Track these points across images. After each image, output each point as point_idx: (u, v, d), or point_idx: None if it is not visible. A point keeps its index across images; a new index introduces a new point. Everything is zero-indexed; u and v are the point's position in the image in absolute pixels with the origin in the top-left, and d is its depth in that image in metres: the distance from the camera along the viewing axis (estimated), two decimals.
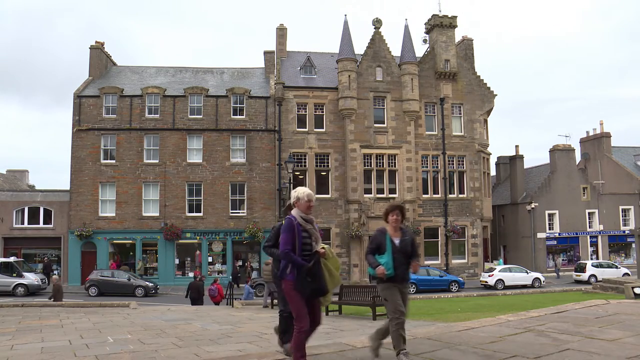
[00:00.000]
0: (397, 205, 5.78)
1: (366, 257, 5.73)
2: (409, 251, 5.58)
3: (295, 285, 4.92)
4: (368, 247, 5.73)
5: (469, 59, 36.80)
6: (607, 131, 43.97)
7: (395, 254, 5.46)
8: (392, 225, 5.66)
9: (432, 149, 34.22)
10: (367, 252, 5.68)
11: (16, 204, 31.92)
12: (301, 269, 4.88)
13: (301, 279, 4.90)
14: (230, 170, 32.42)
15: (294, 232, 5.00)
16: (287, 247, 4.95)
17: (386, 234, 5.61)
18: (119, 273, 28.06)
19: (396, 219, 5.64)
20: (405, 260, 5.53)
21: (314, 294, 4.99)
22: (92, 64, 35.43)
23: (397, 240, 5.57)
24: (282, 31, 37.58)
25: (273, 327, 6.56)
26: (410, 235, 5.78)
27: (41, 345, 8.06)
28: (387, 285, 5.47)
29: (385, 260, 5.43)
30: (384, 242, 5.54)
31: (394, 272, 5.39)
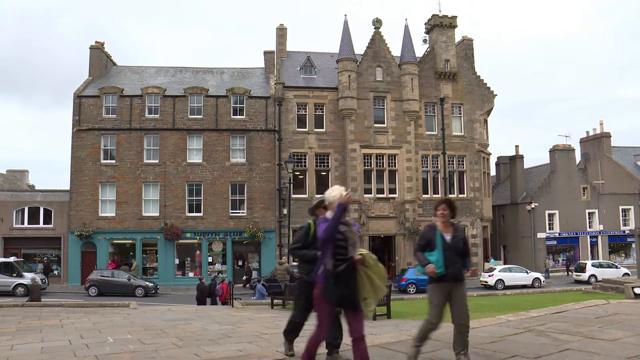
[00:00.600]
0: (445, 199, 5.47)
1: (415, 254, 5.41)
2: (460, 248, 5.26)
3: (322, 291, 4.60)
4: (417, 243, 5.44)
5: (469, 59, 36.80)
6: (607, 131, 43.97)
7: (446, 251, 5.12)
8: (442, 220, 5.32)
9: (432, 149, 34.22)
10: (416, 249, 5.40)
11: (16, 204, 31.92)
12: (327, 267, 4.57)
13: (329, 284, 4.56)
14: (230, 170, 32.42)
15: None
16: (325, 234, 4.64)
17: (436, 229, 5.27)
18: (119, 273, 28.06)
19: (443, 213, 5.30)
20: (458, 258, 5.20)
21: (342, 302, 4.62)
22: (92, 64, 35.43)
23: (449, 237, 5.24)
24: (282, 31, 37.58)
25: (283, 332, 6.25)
26: (462, 232, 5.43)
27: (41, 345, 8.06)
28: (436, 286, 5.16)
29: (436, 257, 5.11)
30: (434, 238, 5.22)
31: (445, 271, 5.07)
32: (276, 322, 11.40)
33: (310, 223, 5.75)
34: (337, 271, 4.57)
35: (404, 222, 32.64)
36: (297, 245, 5.81)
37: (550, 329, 6.92)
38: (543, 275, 32.16)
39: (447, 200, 5.45)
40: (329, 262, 4.58)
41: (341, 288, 4.57)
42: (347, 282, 4.62)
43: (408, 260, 32.34)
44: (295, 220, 30.52)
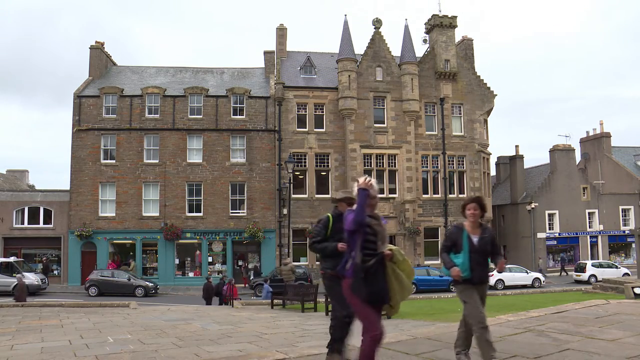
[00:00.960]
0: (475, 197, 5.16)
1: (440, 255, 5.17)
2: (488, 250, 5.02)
3: (352, 286, 4.31)
4: (442, 243, 5.20)
5: (469, 59, 36.80)
6: (607, 131, 43.99)
7: (472, 254, 4.91)
8: (470, 220, 5.05)
9: (432, 149, 34.22)
10: (442, 250, 5.16)
11: (16, 204, 31.91)
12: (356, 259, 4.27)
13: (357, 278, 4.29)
14: (230, 170, 32.41)
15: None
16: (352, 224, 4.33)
17: (463, 230, 5.03)
18: (119, 273, 28.05)
19: (473, 213, 5.02)
20: (484, 261, 4.98)
21: (371, 300, 4.32)
22: (92, 64, 35.43)
23: (476, 238, 5.00)
24: (282, 31, 37.59)
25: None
26: (490, 233, 5.14)
27: (41, 345, 8.07)
28: (465, 287, 4.98)
29: (461, 260, 4.91)
30: (461, 239, 4.99)
31: (470, 274, 4.88)
32: (276, 322, 11.41)
33: (328, 216, 5.56)
34: (367, 266, 4.30)
35: (404, 222, 32.64)
36: (317, 239, 5.56)
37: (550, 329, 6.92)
38: (542, 275, 32.17)
39: (478, 198, 5.15)
40: (357, 256, 4.32)
41: (370, 284, 4.32)
42: (376, 278, 4.36)
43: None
44: (295, 220, 30.58)
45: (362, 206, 4.34)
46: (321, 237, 5.50)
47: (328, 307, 13.71)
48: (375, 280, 4.32)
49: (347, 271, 4.36)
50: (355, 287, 4.27)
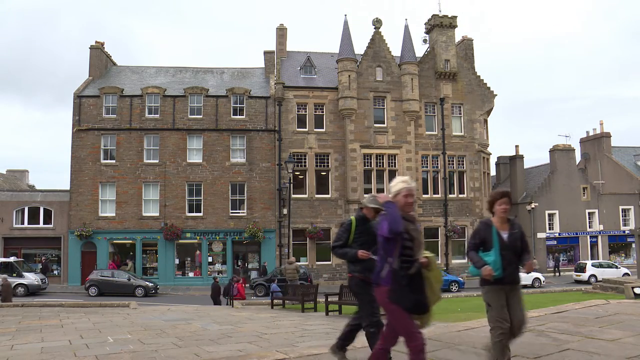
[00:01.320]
0: (505, 192, 4.85)
1: (468, 254, 4.86)
2: (519, 247, 4.72)
3: (390, 294, 4.04)
4: (470, 242, 4.87)
5: (469, 59, 36.80)
6: (607, 131, 43.97)
7: (503, 251, 4.61)
8: (500, 216, 4.76)
9: (432, 149, 34.22)
10: (469, 248, 4.83)
11: (16, 204, 31.91)
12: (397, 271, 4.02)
13: (399, 286, 4.02)
14: (230, 170, 32.41)
15: None
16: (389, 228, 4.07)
17: (492, 226, 4.72)
18: (119, 273, 28.05)
19: (505, 208, 4.73)
20: (516, 258, 4.68)
21: (414, 310, 4.09)
22: (92, 64, 35.43)
23: (505, 235, 4.70)
24: (282, 31, 37.59)
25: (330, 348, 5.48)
26: (520, 228, 4.84)
27: (41, 345, 8.07)
28: (492, 289, 4.64)
29: (493, 258, 4.59)
30: (490, 236, 4.67)
31: (502, 273, 4.56)
32: (276, 322, 11.41)
33: (352, 219, 5.41)
34: (409, 274, 4.07)
35: (339, 229, 32.55)
36: (339, 243, 5.39)
37: (550, 329, 6.92)
38: (542, 275, 32.16)
39: (508, 193, 4.85)
40: (394, 262, 4.07)
41: (414, 293, 4.05)
42: (418, 286, 4.11)
43: None
44: (295, 220, 30.59)
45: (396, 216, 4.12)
46: (343, 242, 5.36)
47: (328, 307, 13.72)
48: (417, 288, 4.10)
49: (383, 279, 4.11)
50: (395, 296, 4.04)
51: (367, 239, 5.23)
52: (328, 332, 9.19)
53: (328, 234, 32.35)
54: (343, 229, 5.41)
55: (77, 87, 33.23)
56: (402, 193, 4.29)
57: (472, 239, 4.87)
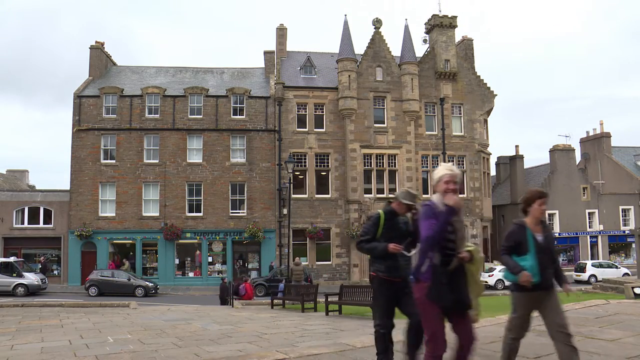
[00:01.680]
0: (543, 191, 4.57)
1: (502, 258, 4.53)
2: (553, 250, 4.51)
3: (429, 292, 3.86)
4: (503, 245, 4.54)
5: (469, 59, 36.80)
6: (607, 131, 43.97)
7: (539, 255, 4.33)
8: (536, 217, 4.46)
9: (432, 149, 34.22)
10: (503, 252, 4.52)
11: (16, 204, 31.91)
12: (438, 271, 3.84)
13: (439, 284, 3.83)
14: (230, 170, 32.41)
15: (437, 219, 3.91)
16: (434, 229, 3.85)
17: (526, 228, 4.43)
18: (119, 273, 28.04)
19: (544, 210, 4.45)
20: (551, 262, 4.43)
21: (454, 307, 3.92)
22: (92, 64, 35.43)
23: (540, 237, 4.42)
24: (282, 31, 37.59)
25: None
26: (550, 231, 4.63)
27: (41, 345, 8.07)
28: (525, 295, 4.40)
29: (530, 263, 4.30)
30: (525, 239, 4.38)
31: (540, 278, 4.29)
32: (276, 322, 11.41)
33: (380, 213, 5.14)
34: (448, 270, 3.86)
35: (366, 222, 32.61)
36: (366, 237, 5.07)
37: None
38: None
39: (546, 193, 4.59)
40: (435, 257, 3.88)
41: (453, 290, 3.84)
42: (458, 282, 3.90)
43: None
44: (295, 220, 30.57)
45: (444, 223, 3.88)
46: (370, 236, 5.04)
47: (328, 307, 13.71)
48: (457, 285, 3.89)
49: (423, 275, 3.89)
50: (433, 294, 3.83)
51: (394, 234, 5.00)
52: (328, 332, 9.19)
53: (328, 234, 32.36)
54: (371, 222, 5.12)
55: (77, 87, 33.23)
56: (443, 179, 4.05)
57: (505, 241, 4.54)
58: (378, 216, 5.09)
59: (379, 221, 5.06)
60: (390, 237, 4.96)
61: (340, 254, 32.48)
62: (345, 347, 6.02)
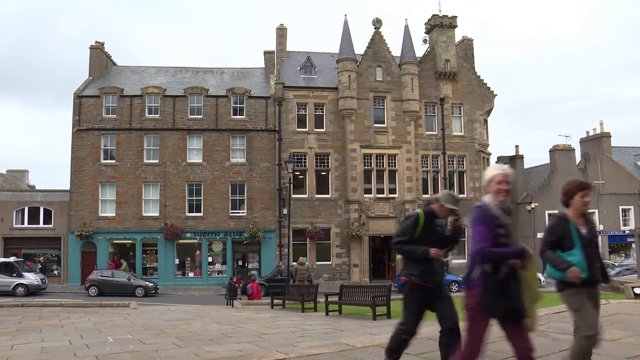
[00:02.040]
0: (586, 182, 4.34)
1: (544, 254, 4.23)
2: (597, 243, 4.28)
3: (481, 300, 3.69)
4: (545, 240, 4.27)
5: (469, 59, 36.80)
6: (607, 131, 43.95)
7: (586, 249, 4.10)
8: (579, 209, 4.24)
9: (432, 149, 34.22)
10: (545, 248, 4.25)
11: (16, 204, 31.91)
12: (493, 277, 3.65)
13: (489, 292, 3.65)
14: (230, 170, 32.42)
15: (492, 224, 3.73)
16: (486, 244, 3.67)
17: (569, 221, 4.20)
18: (119, 273, 28.05)
19: (587, 202, 4.24)
20: (597, 256, 4.20)
21: (508, 317, 3.73)
22: (92, 64, 35.44)
23: (584, 230, 4.19)
24: (282, 31, 37.59)
25: None
26: (593, 223, 4.39)
27: (41, 345, 8.07)
28: (576, 292, 4.10)
29: (578, 258, 4.06)
30: (569, 233, 4.14)
31: (588, 274, 4.05)
32: (276, 322, 11.42)
33: (419, 213, 4.86)
34: (498, 278, 3.66)
35: (404, 222, 32.56)
36: (403, 238, 4.79)
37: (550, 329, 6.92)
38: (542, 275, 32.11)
39: (588, 183, 4.32)
40: (486, 264, 3.73)
41: (505, 298, 3.65)
42: (511, 290, 3.68)
43: None
44: (295, 220, 30.58)
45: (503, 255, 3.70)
46: (408, 237, 4.76)
47: (328, 307, 13.72)
48: (510, 292, 3.67)
49: (475, 282, 3.74)
50: (484, 302, 3.65)
51: (432, 237, 4.79)
52: (328, 332, 9.19)
53: (328, 234, 32.36)
54: (410, 222, 4.82)
55: (77, 87, 33.24)
56: (495, 179, 3.87)
57: (547, 236, 4.27)
58: (417, 217, 4.82)
59: (418, 222, 4.80)
60: (428, 240, 4.73)
61: (340, 254, 32.48)
62: (345, 347, 6.02)
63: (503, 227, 3.76)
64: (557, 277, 4.15)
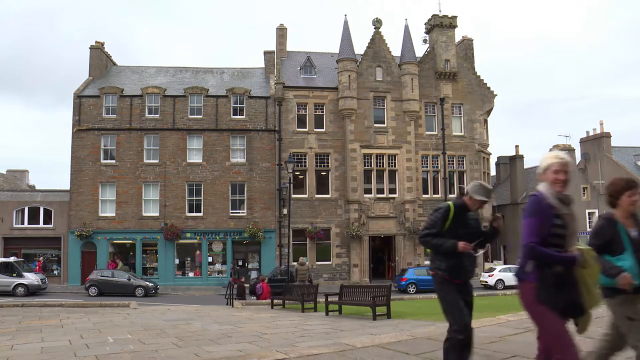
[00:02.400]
0: (633, 181, 3.96)
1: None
2: None
3: (539, 293, 3.40)
4: (592, 244, 3.91)
5: (469, 59, 36.81)
6: (607, 131, 43.89)
7: (637, 253, 3.76)
8: (628, 210, 3.87)
9: (432, 149, 34.22)
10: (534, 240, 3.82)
11: (16, 204, 31.91)
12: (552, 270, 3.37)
13: (549, 285, 3.37)
14: (230, 170, 32.42)
15: (544, 216, 3.42)
16: (533, 238, 3.38)
17: (617, 223, 3.85)
18: (119, 273, 28.04)
19: (636, 201, 3.85)
20: None
21: (567, 312, 3.45)
22: (92, 64, 35.45)
23: (635, 232, 3.84)
24: (282, 31, 37.59)
25: None
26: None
27: (41, 345, 8.07)
28: (628, 299, 3.77)
29: (629, 263, 3.71)
30: (617, 235, 3.80)
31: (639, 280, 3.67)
32: (276, 322, 11.42)
33: (449, 205, 4.50)
34: (555, 271, 3.39)
35: (404, 222, 32.64)
36: (432, 231, 4.44)
37: None
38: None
39: (635, 182, 3.95)
40: (566, 257, 3.44)
41: (564, 292, 3.38)
42: (569, 284, 3.40)
43: (408, 260, 32.35)
44: (295, 220, 30.58)
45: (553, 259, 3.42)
46: (437, 230, 4.42)
47: (328, 307, 13.72)
48: (568, 286, 3.40)
49: (529, 275, 3.46)
50: (544, 295, 3.38)
51: (462, 231, 4.45)
52: (328, 332, 9.19)
53: (328, 234, 32.37)
54: (439, 215, 4.45)
55: (77, 87, 33.25)
56: (551, 168, 3.56)
57: (593, 239, 3.94)
58: (447, 209, 4.45)
59: (448, 214, 4.43)
60: (458, 234, 4.40)
61: (340, 254, 32.48)
62: (345, 347, 6.02)
63: (560, 217, 3.44)
64: (607, 284, 3.83)
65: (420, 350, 5.75)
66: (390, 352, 5.59)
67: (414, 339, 6.39)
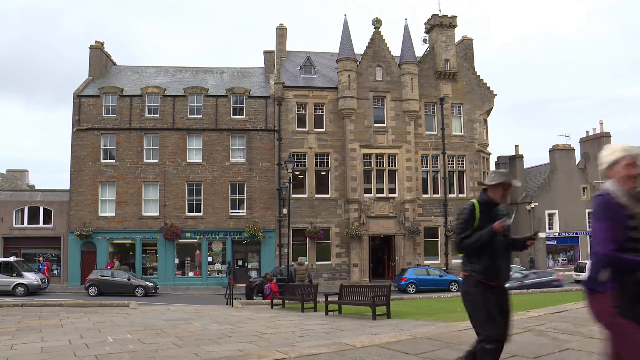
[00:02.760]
0: None
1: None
2: None
3: (621, 306, 3.00)
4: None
5: (469, 59, 36.81)
6: (607, 131, 43.91)
7: None
8: None
9: (432, 149, 34.22)
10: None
11: (16, 204, 31.91)
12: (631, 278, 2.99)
13: (632, 296, 2.99)
14: (230, 170, 32.42)
15: (617, 220, 3.06)
16: (610, 246, 3.01)
17: None
18: (119, 273, 28.04)
19: None
20: None
21: None
22: (92, 64, 35.45)
23: None
24: (282, 31, 37.60)
25: None
26: None
27: (41, 345, 8.07)
28: None
29: None
30: None
31: None
32: (276, 322, 11.42)
33: (474, 203, 4.23)
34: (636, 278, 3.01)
35: (404, 222, 32.64)
36: (465, 234, 4.14)
37: (550, 329, 6.92)
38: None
39: None
40: None
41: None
42: None
43: (408, 260, 32.35)
44: (295, 220, 30.59)
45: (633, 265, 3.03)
46: (470, 232, 4.14)
47: (328, 307, 13.72)
48: None
49: (605, 285, 3.07)
50: (627, 308, 2.99)
51: None
52: (328, 332, 9.19)
53: (328, 234, 32.37)
54: (464, 217, 4.18)
55: (77, 87, 33.25)
56: (622, 163, 3.18)
57: None
58: (472, 207, 4.17)
59: (474, 213, 4.16)
60: None
61: (340, 254, 32.49)
62: (345, 347, 6.02)
63: (634, 218, 3.07)
64: None
65: (420, 350, 5.75)
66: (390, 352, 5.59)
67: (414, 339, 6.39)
